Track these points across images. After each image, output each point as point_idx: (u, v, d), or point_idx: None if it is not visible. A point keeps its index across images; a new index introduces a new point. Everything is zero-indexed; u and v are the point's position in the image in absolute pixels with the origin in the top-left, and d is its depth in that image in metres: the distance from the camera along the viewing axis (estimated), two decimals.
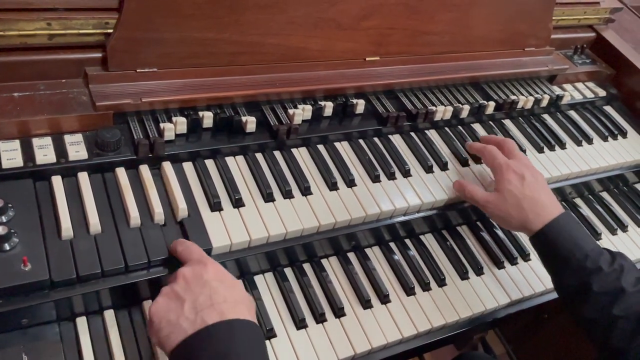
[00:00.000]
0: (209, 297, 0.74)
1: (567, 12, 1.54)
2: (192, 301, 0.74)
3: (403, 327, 1.02)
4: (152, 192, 0.94)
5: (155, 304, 0.76)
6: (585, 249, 0.97)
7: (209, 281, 0.76)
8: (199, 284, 0.76)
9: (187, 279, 0.77)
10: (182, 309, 0.73)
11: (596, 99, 1.57)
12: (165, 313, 0.74)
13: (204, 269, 0.78)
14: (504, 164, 1.09)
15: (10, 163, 0.87)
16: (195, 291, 0.75)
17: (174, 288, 0.77)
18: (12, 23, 0.89)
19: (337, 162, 1.13)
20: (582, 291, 0.95)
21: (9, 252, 0.79)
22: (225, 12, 1.01)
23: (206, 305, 0.73)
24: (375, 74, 1.23)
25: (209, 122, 1.05)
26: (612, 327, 0.92)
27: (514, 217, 1.05)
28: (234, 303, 0.75)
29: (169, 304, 0.75)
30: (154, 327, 0.75)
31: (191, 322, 0.72)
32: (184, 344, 0.70)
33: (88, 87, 0.97)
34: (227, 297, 0.75)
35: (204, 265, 0.79)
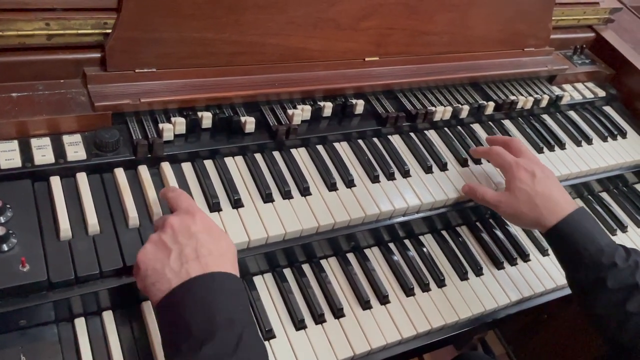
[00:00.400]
0: (195, 250, 0.75)
1: (566, 12, 1.54)
2: (178, 252, 0.75)
3: (402, 328, 1.02)
4: (151, 193, 0.94)
5: (143, 250, 0.78)
6: (600, 244, 0.97)
7: (196, 233, 0.77)
8: (185, 235, 0.77)
9: (175, 229, 0.78)
10: (168, 258, 0.75)
11: (596, 99, 1.57)
12: (151, 261, 0.76)
13: (192, 220, 0.79)
14: (514, 163, 1.09)
15: (8, 163, 0.87)
16: (182, 242, 0.76)
17: (162, 237, 0.78)
18: (11, 23, 0.89)
19: (336, 162, 1.13)
20: (596, 287, 0.95)
21: (8, 253, 0.79)
22: (224, 12, 1.01)
23: (191, 257, 0.75)
24: (374, 74, 1.23)
25: (208, 123, 1.05)
26: (625, 323, 0.92)
27: (527, 214, 1.05)
28: (218, 256, 0.77)
29: (156, 252, 0.76)
30: (140, 274, 0.77)
31: (176, 273, 0.74)
32: (168, 296, 0.73)
33: (87, 87, 0.97)
34: (212, 249, 0.77)
35: (192, 216, 0.80)
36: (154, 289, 0.74)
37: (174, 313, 0.72)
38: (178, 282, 0.73)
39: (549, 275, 1.21)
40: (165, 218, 0.80)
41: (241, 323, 0.71)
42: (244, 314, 0.74)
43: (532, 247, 1.26)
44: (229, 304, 0.72)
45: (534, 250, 1.25)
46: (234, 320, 0.71)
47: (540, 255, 1.25)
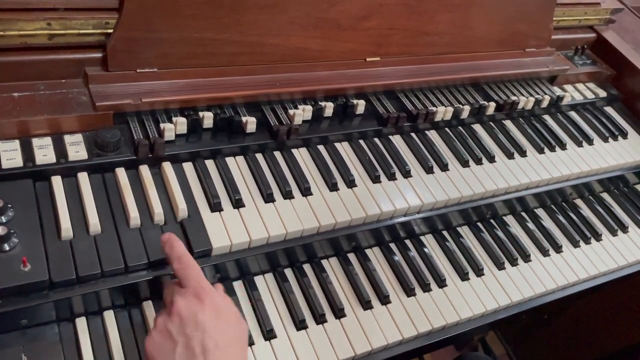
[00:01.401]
0: (201, 343, 0.74)
1: (567, 13, 1.54)
2: (184, 345, 0.74)
3: (403, 328, 1.02)
4: (152, 193, 0.94)
5: (150, 339, 0.77)
6: None
7: (203, 322, 0.76)
8: (192, 325, 0.75)
9: (182, 318, 0.76)
10: (173, 352, 0.74)
11: (597, 100, 1.57)
12: (158, 352, 0.75)
13: (200, 307, 0.77)
14: None
15: (10, 163, 0.87)
16: (188, 334, 0.75)
17: (168, 326, 0.76)
18: (12, 23, 0.89)
19: (337, 162, 1.13)
20: None
21: (9, 253, 0.79)
22: (225, 13, 1.01)
23: (198, 352, 0.74)
24: (375, 75, 1.23)
25: (209, 123, 1.05)
26: None
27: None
28: (224, 348, 0.75)
29: (162, 342, 0.76)
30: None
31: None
32: None
33: (88, 87, 0.97)
34: (219, 342, 0.75)
35: (201, 302, 0.77)
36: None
37: None
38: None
39: (550, 275, 1.21)
40: (173, 300, 0.78)
41: None
42: None
43: (533, 247, 1.26)
44: None
45: (534, 251, 1.25)
46: None
47: (541, 256, 1.25)
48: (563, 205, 1.40)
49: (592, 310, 1.78)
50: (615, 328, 1.72)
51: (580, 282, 1.24)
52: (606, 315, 1.74)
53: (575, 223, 1.35)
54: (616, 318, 1.71)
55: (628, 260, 1.32)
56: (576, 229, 1.34)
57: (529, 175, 1.28)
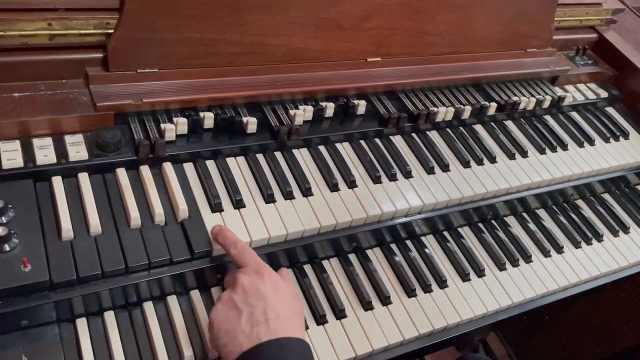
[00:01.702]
0: (264, 312, 0.80)
1: (568, 13, 1.54)
2: (249, 314, 0.80)
3: (404, 329, 1.02)
4: (153, 193, 0.94)
5: (215, 311, 0.82)
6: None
7: (265, 294, 0.81)
8: (255, 296, 0.81)
9: (245, 290, 0.82)
10: (239, 320, 0.79)
11: (598, 100, 1.57)
12: (223, 322, 0.81)
13: (261, 281, 0.83)
14: None
15: (10, 163, 0.87)
16: (252, 303, 0.80)
17: (232, 297, 0.82)
18: (13, 23, 0.89)
19: (338, 163, 1.13)
20: None
21: (9, 253, 0.79)
22: (226, 13, 1.01)
23: (261, 320, 0.79)
24: (376, 75, 1.23)
25: (209, 123, 1.04)
26: None
27: None
28: (285, 318, 0.81)
29: (227, 313, 0.81)
30: (213, 333, 0.82)
31: (247, 335, 0.78)
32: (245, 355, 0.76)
33: (89, 87, 0.97)
34: (280, 312, 0.81)
35: (262, 276, 0.84)
36: (226, 351, 0.78)
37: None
38: (249, 346, 0.76)
39: (551, 276, 1.21)
40: (235, 277, 0.84)
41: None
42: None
43: (534, 248, 1.26)
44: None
45: (536, 252, 1.25)
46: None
47: (543, 257, 1.25)
48: (564, 206, 1.40)
49: (593, 311, 1.77)
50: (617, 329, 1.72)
51: (582, 282, 1.24)
52: (607, 316, 1.73)
53: (577, 224, 1.35)
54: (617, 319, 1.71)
55: (629, 261, 1.32)
56: (577, 230, 1.33)
57: (530, 175, 1.28)
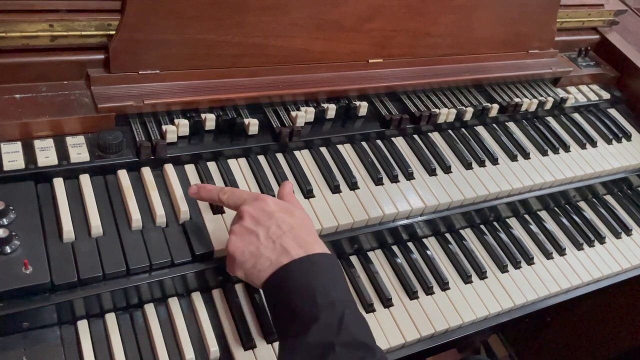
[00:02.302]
0: (279, 227, 0.81)
1: (571, 14, 1.53)
2: (265, 232, 0.81)
3: (406, 331, 1.01)
4: (154, 195, 0.94)
5: (231, 242, 0.82)
6: None
7: (273, 212, 0.83)
8: (265, 216, 0.82)
9: (253, 215, 0.83)
10: (258, 239, 0.80)
11: (600, 102, 1.56)
12: (244, 246, 0.81)
13: (264, 203, 0.84)
14: None
15: (11, 165, 0.87)
16: (265, 224, 0.81)
17: (243, 224, 0.82)
18: (14, 24, 0.89)
19: (339, 164, 1.13)
20: None
21: (10, 255, 0.79)
22: (227, 14, 1.01)
23: (279, 233, 0.80)
24: (378, 76, 1.23)
25: (211, 125, 1.04)
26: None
27: None
28: (300, 227, 0.82)
29: (244, 238, 0.81)
30: (237, 261, 0.81)
31: (271, 249, 0.79)
32: (272, 278, 0.78)
33: (90, 88, 0.97)
34: (293, 223, 0.82)
35: (263, 200, 0.84)
36: (256, 271, 0.80)
37: (279, 295, 0.78)
38: (277, 257, 0.78)
39: (553, 278, 1.20)
40: (239, 210, 0.85)
41: (341, 304, 0.75)
42: (343, 293, 0.78)
43: (536, 250, 1.25)
44: (328, 286, 0.76)
45: (538, 254, 1.25)
46: (334, 301, 0.74)
47: (545, 259, 1.24)
48: (566, 208, 1.39)
49: (595, 313, 1.77)
50: (619, 331, 1.71)
51: (584, 285, 1.24)
52: (609, 318, 1.73)
53: (579, 226, 1.34)
54: (619, 321, 1.70)
55: (631, 263, 1.31)
56: (579, 232, 1.33)
57: (532, 177, 1.28)
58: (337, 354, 0.70)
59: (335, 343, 0.70)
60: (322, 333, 0.72)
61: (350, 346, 0.71)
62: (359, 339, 0.73)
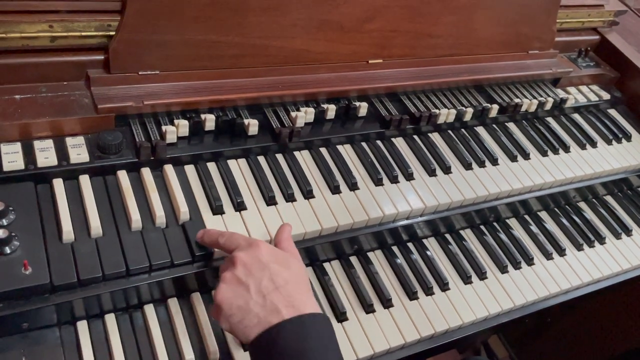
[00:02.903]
0: (271, 280, 0.76)
1: (571, 15, 1.54)
2: (256, 285, 0.76)
3: (406, 332, 1.01)
4: (154, 195, 0.94)
5: (220, 291, 0.77)
6: None
7: (268, 264, 0.78)
8: (258, 267, 0.78)
9: (246, 264, 0.78)
10: (248, 293, 0.76)
11: (600, 102, 1.56)
12: (233, 299, 0.76)
13: (259, 252, 0.80)
14: None
15: (11, 166, 0.87)
16: (257, 275, 0.77)
17: (235, 274, 0.78)
18: (14, 25, 0.89)
19: (339, 165, 1.13)
20: None
21: (10, 256, 0.79)
22: (228, 15, 1.01)
23: (271, 288, 0.76)
24: (378, 77, 1.23)
25: (211, 125, 1.04)
26: None
27: None
28: (295, 283, 0.78)
29: (234, 289, 0.77)
30: (224, 314, 0.77)
31: (261, 305, 0.75)
32: (258, 340, 0.73)
33: (90, 89, 0.97)
34: (287, 277, 0.78)
35: (257, 248, 0.80)
36: (242, 327, 0.75)
37: (267, 358, 0.72)
38: (266, 315, 0.74)
39: (553, 279, 1.20)
40: (232, 256, 0.80)
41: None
42: (335, 355, 0.74)
43: (536, 250, 1.25)
44: (321, 350, 0.72)
45: (538, 254, 1.25)
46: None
47: (545, 260, 1.24)
48: (566, 209, 1.39)
49: (595, 314, 1.77)
50: (619, 332, 1.71)
51: (584, 285, 1.24)
52: (610, 318, 1.73)
53: (579, 226, 1.34)
54: (620, 322, 1.70)
55: (632, 264, 1.31)
56: (579, 232, 1.33)
57: (532, 177, 1.28)
58: None
59: None
60: None
61: None
62: None
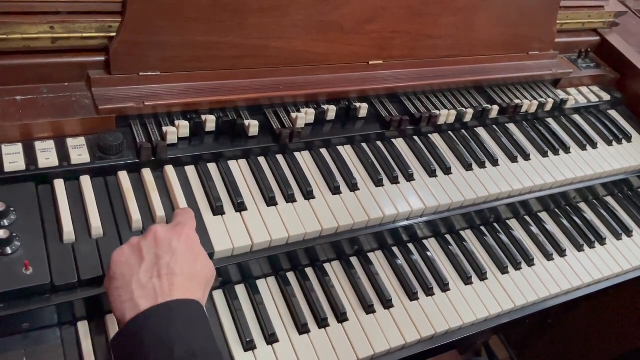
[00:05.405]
0: (167, 265, 0.75)
1: (571, 16, 1.54)
2: (151, 263, 0.75)
3: (406, 332, 1.01)
4: (155, 196, 0.94)
5: (119, 251, 0.77)
6: None
7: (176, 249, 0.77)
8: (164, 247, 0.76)
9: (157, 239, 0.77)
10: (138, 267, 0.74)
11: (600, 103, 1.57)
12: (123, 264, 0.75)
13: (177, 236, 0.78)
14: None
15: (12, 166, 0.87)
16: (158, 254, 0.76)
17: (141, 243, 0.77)
18: (15, 26, 0.89)
19: (340, 166, 1.13)
20: None
21: (11, 256, 0.79)
22: (228, 16, 1.01)
23: (162, 273, 0.74)
24: (378, 78, 1.23)
25: (211, 126, 1.04)
26: None
27: None
28: (188, 278, 0.75)
29: (129, 256, 0.76)
30: (109, 273, 0.76)
31: (141, 285, 0.72)
32: (125, 328, 0.70)
33: (91, 90, 0.97)
34: (185, 270, 0.76)
35: (179, 232, 0.79)
36: (116, 294, 0.73)
37: (132, 346, 0.68)
38: (143, 296, 0.71)
39: (554, 280, 1.20)
40: (153, 226, 0.80)
41: (203, 353, 0.68)
42: (207, 342, 0.71)
43: (536, 251, 1.25)
44: (189, 335, 0.69)
45: (538, 255, 1.25)
46: (194, 351, 0.67)
47: (545, 260, 1.24)
48: (567, 209, 1.39)
49: (596, 315, 1.77)
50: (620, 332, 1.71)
51: (584, 286, 1.24)
52: (610, 319, 1.73)
53: (579, 227, 1.34)
54: (620, 322, 1.70)
55: (632, 264, 1.31)
56: (580, 233, 1.33)
57: (533, 178, 1.28)
58: None
59: None
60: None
61: None
62: None
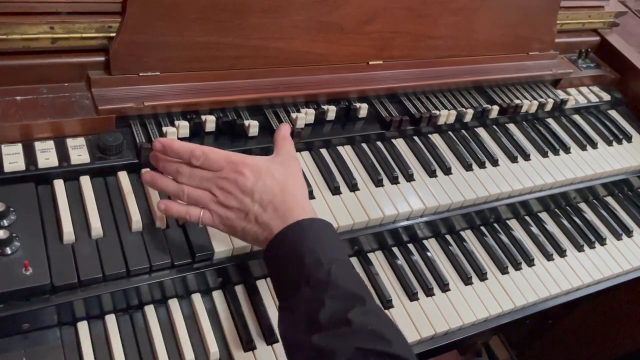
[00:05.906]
0: (260, 204, 0.83)
1: (571, 16, 1.54)
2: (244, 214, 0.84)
3: (406, 333, 1.01)
4: (154, 197, 0.94)
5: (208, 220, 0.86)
6: None
7: (253, 189, 0.83)
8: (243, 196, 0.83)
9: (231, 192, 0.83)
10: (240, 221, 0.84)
11: (600, 103, 1.56)
12: (228, 228, 0.86)
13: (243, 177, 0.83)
14: None
15: (12, 167, 0.87)
16: (244, 206, 0.83)
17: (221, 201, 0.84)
18: (15, 27, 0.89)
19: (339, 166, 1.13)
20: None
21: (11, 256, 0.79)
22: (228, 16, 1.01)
23: (259, 212, 0.83)
24: (378, 78, 1.23)
25: (211, 126, 1.04)
26: None
27: None
28: (282, 192, 0.84)
29: (223, 221, 0.86)
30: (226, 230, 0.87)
31: (255, 230, 0.84)
32: (267, 250, 0.83)
33: (90, 90, 0.97)
34: (274, 190, 0.83)
35: (241, 173, 0.83)
36: (249, 239, 0.86)
37: (274, 263, 0.83)
38: (262, 233, 0.83)
39: (554, 280, 1.20)
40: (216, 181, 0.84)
41: (327, 261, 0.77)
42: (331, 251, 0.80)
43: (536, 251, 1.25)
44: (315, 246, 0.79)
45: (538, 255, 1.25)
46: (320, 259, 0.77)
47: (545, 260, 1.24)
48: (567, 209, 1.39)
49: (596, 315, 1.77)
50: (620, 333, 1.71)
51: (585, 286, 1.24)
52: (611, 320, 1.73)
53: (580, 227, 1.34)
54: (621, 323, 1.70)
55: (632, 265, 1.31)
56: (580, 233, 1.33)
57: (533, 179, 1.28)
58: (327, 308, 0.73)
59: (324, 297, 0.74)
60: (312, 290, 0.75)
61: (339, 298, 0.74)
62: (349, 290, 0.75)
